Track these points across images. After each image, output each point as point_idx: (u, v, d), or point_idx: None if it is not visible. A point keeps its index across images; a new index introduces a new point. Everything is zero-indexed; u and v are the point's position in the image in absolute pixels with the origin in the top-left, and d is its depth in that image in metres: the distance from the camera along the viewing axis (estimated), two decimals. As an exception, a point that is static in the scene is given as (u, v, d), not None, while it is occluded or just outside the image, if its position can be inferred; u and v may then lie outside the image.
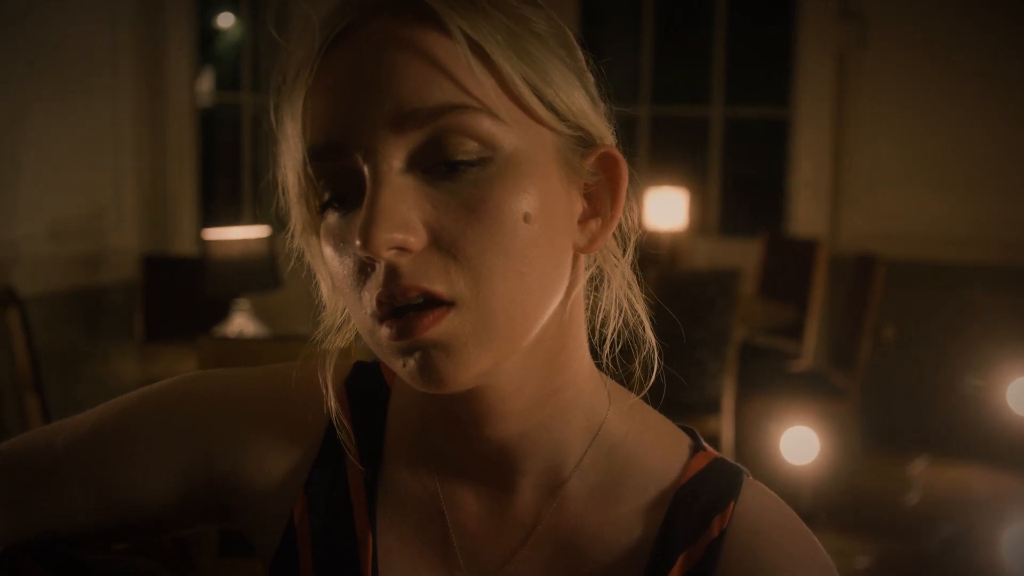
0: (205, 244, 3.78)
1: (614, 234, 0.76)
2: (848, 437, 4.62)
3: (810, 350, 5.02)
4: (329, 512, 0.80)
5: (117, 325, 4.55)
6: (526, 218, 0.67)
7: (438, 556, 0.78)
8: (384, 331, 0.67)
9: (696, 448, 0.80)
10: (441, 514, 0.79)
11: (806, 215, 5.75)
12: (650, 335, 0.79)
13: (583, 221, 0.73)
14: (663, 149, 6.33)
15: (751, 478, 0.79)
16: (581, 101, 0.71)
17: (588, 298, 0.79)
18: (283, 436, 0.82)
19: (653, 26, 6.27)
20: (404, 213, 0.65)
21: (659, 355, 0.78)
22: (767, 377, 4.80)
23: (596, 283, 0.79)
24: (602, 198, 0.74)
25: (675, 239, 5.21)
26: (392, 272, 0.65)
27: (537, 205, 0.67)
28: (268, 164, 0.74)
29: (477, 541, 0.78)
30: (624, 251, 0.78)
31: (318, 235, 0.72)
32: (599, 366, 0.80)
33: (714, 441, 4.36)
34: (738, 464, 0.79)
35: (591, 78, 0.75)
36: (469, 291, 0.66)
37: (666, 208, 5.16)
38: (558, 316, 0.73)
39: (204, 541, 2.75)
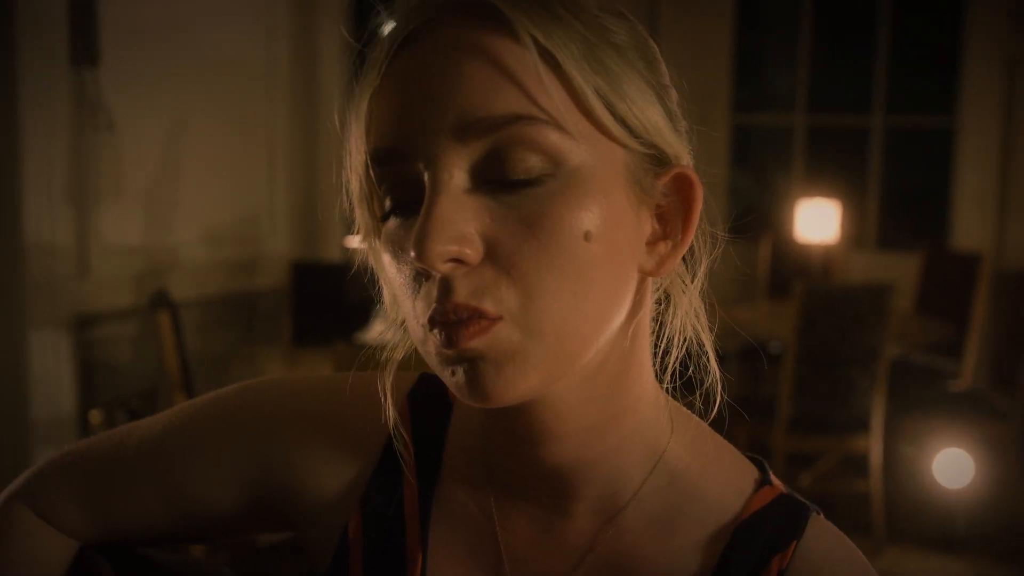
0: (348, 251, 3.85)
1: (684, 259, 0.73)
2: (1008, 461, 4.40)
3: (969, 370, 4.81)
4: (382, 528, 0.79)
5: (268, 329, 4.69)
6: (587, 236, 0.64)
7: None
8: (433, 339, 0.65)
9: (762, 482, 0.76)
10: (494, 534, 0.77)
11: (969, 228, 5.52)
12: (714, 366, 0.75)
13: (652, 243, 0.70)
14: (818, 159, 6.17)
15: (820, 517, 0.75)
16: (657, 118, 0.68)
17: (656, 322, 0.76)
18: (341, 448, 0.81)
19: (811, 33, 6.12)
20: (461, 225, 0.63)
21: (723, 388, 0.76)
22: (922, 396, 4.62)
23: (663, 308, 0.77)
24: (674, 221, 0.71)
25: (827, 252, 5.07)
26: (446, 287, 0.63)
27: (599, 224, 0.64)
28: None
29: (528, 564, 0.76)
30: (693, 277, 0.75)
31: (380, 240, 0.70)
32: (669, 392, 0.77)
33: (861, 461, 4.22)
34: (807, 502, 0.76)
35: (673, 94, 0.72)
36: (518, 307, 0.63)
37: (818, 220, 5.02)
38: (621, 340, 0.71)
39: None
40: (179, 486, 0.84)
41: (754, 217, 5.97)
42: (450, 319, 0.63)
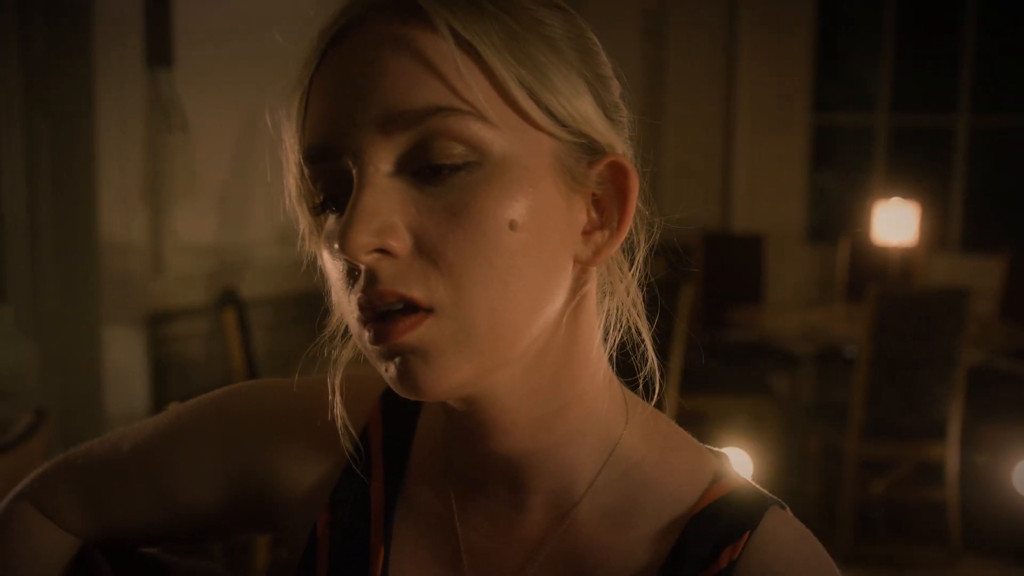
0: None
1: (623, 248, 0.73)
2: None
3: (1054, 376, 4.66)
4: (349, 523, 0.80)
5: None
6: (512, 225, 0.64)
7: (448, 571, 0.77)
8: (366, 335, 0.66)
9: (720, 475, 0.76)
10: (454, 530, 0.77)
11: (1057, 231, 5.35)
12: (651, 355, 0.75)
13: (588, 232, 0.70)
14: (901, 160, 6.04)
15: (783, 512, 0.74)
16: (586, 107, 0.68)
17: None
18: (315, 448, 0.83)
19: (895, 31, 5.99)
20: (386, 216, 0.64)
21: (662, 376, 0.75)
22: (1005, 404, 4.49)
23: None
24: (610, 210, 0.71)
25: (906, 255, 4.96)
26: (372, 276, 0.64)
27: (525, 213, 0.65)
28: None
29: (487, 559, 0.76)
30: (632, 265, 0.75)
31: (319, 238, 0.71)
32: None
33: (937, 469, 4.12)
34: (770, 496, 0.75)
35: (613, 85, 0.72)
36: (449, 298, 0.64)
37: (897, 222, 4.91)
38: (562, 330, 0.71)
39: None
40: (167, 487, 0.87)
41: (831, 219, 5.88)
42: (377, 306, 0.64)
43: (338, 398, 0.78)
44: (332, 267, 0.68)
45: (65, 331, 3.62)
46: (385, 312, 0.64)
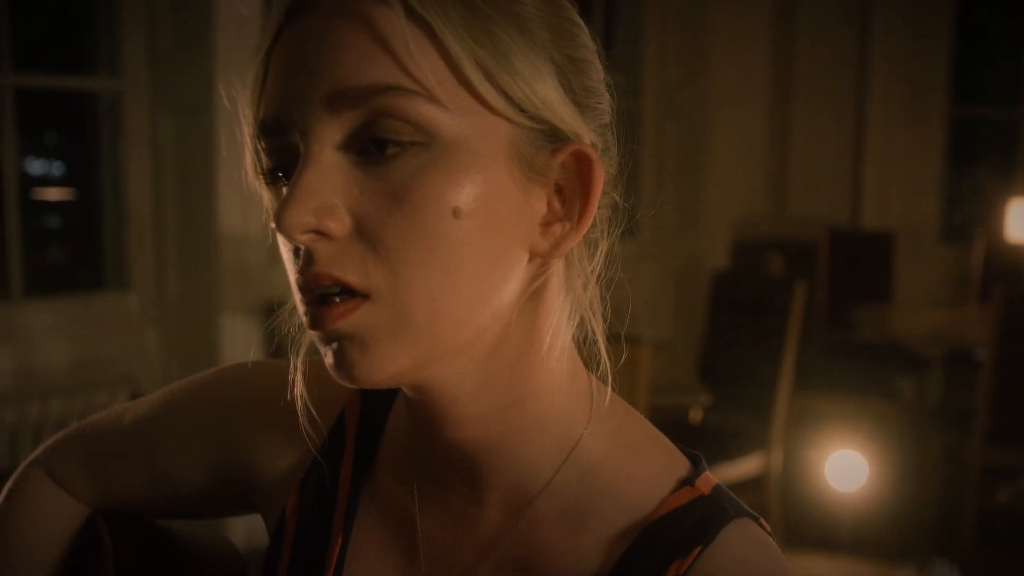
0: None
1: (586, 241, 0.70)
2: None
3: None
4: (314, 509, 0.80)
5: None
6: (456, 212, 0.62)
7: (405, 562, 0.77)
8: (305, 318, 0.64)
9: (685, 481, 0.72)
10: (415, 522, 0.76)
11: None
12: (603, 353, 0.72)
13: (547, 224, 0.67)
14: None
15: (749, 526, 0.70)
16: (549, 92, 0.64)
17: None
18: (292, 432, 0.83)
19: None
20: (325, 196, 0.62)
21: (612, 378, 0.72)
22: None
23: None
24: (573, 201, 0.67)
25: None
26: (309, 258, 0.62)
27: (471, 200, 0.62)
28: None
29: (444, 553, 0.75)
30: (592, 259, 0.71)
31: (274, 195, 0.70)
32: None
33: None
34: (741, 507, 0.71)
35: (590, 70, 0.69)
36: (386, 284, 0.62)
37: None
38: (518, 324, 0.68)
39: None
40: (159, 462, 0.89)
41: (970, 216, 5.67)
42: (314, 289, 0.63)
43: (299, 379, 0.77)
44: (281, 246, 0.66)
45: (185, 319, 3.76)
46: (323, 295, 0.63)
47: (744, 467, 3.68)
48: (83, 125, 3.97)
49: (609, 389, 0.74)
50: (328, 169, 0.62)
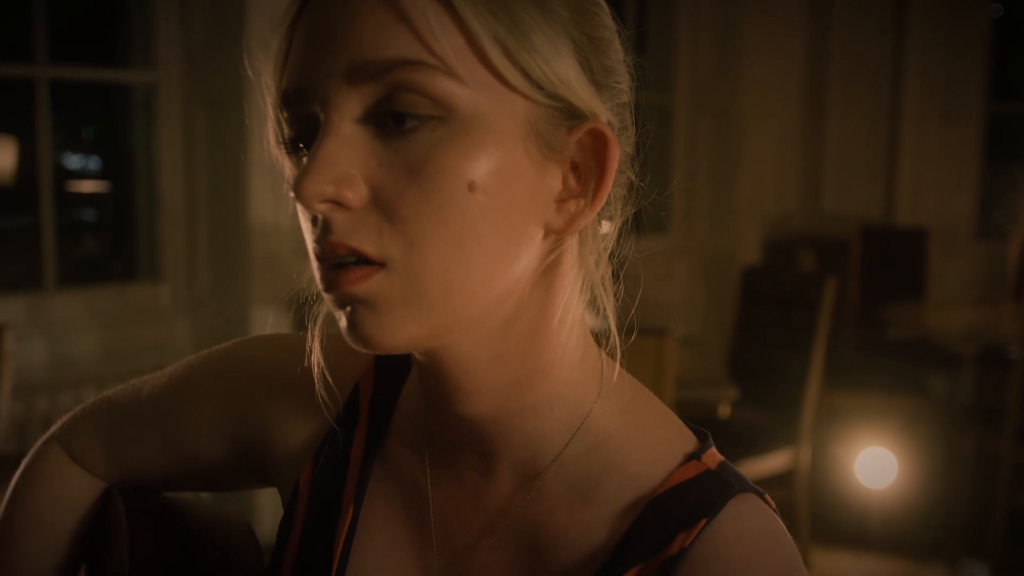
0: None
1: (600, 218, 0.71)
2: None
3: None
4: (327, 481, 0.81)
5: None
6: (471, 187, 0.63)
7: (416, 534, 0.78)
8: (321, 282, 0.66)
9: (692, 456, 0.73)
10: (426, 492, 0.78)
11: None
12: (613, 329, 0.72)
13: (562, 201, 0.68)
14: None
15: (754, 501, 0.71)
16: (567, 71, 0.65)
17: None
18: (306, 404, 0.84)
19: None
20: (344, 167, 0.63)
21: (622, 353, 0.73)
22: None
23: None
24: (588, 179, 0.68)
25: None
26: (326, 227, 0.64)
27: (487, 175, 0.63)
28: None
29: (453, 523, 0.76)
30: (605, 236, 0.72)
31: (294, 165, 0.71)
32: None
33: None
34: (746, 482, 0.72)
35: (606, 48, 0.69)
36: (400, 255, 0.63)
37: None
38: (532, 298, 0.69)
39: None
40: (175, 437, 0.90)
41: (1007, 213, 5.62)
42: (330, 258, 0.64)
43: (316, 347, 0.78)
44: (300, 212, 0.67)
45: (216, 310, 3.79)
46: (339, 263, 0.64)
47: (772, 463, 3.67)
48: (119, 119, 4.02)
49: (618, 365, 0.75)
50: (347, 140, 0.63)
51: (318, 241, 0.64)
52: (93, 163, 4.52)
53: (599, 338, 0.75)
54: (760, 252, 5.79)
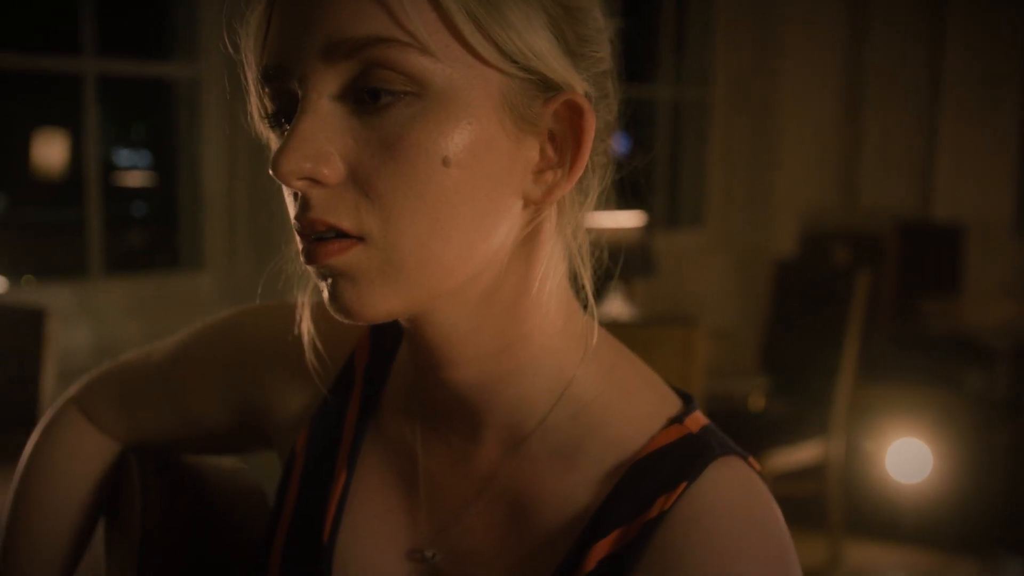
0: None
1: (578, 188, 0.72)
2: None
3: None
4: (322, 446, 0.84)
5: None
6: (445, 162, 0.63)
7: (406, 499, 0.80)
8: (300, 248, 0.67)
9: (674, 420, 0.74)
10: (416, 459, 0.80)
11: None
12: (591, 301, 0.74)
13: (540, 172, 0.69)
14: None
15: (736, 465, 0.71)
16: (541, 43, 0.65)
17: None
18: (304, 371, 0.86)
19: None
20: (320, 144, 0.64)
21: (595, 321, 0.74)
22: None
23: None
24: (565, 149, 0.69)
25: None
26: (304, 203, 0.65)
27: (461, 149, 0.64)
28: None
29: (442, 489, 0.78)
30: (583, 206, 0.73)
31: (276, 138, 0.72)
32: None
33: None
34: (730, 446, 0.72)
35: (583, 18, 0.69)
36: (378, 229, 0.64)
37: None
38: (512, 269, 0.71)
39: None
40: (182, 400, 0.94)
41: None
42: (309, 234, 0.65)
43: (306, 315, 0.80)
44: (283, 188, 0.68)
45: (255, 298, 3.84)
46: (318, 237, 0.65)
47: (804, 454, 3.68)
48: (165, 114, 4.09)
49: (603, 331, 0.76)
50: (324, 117, 0.64)
51: (297, 218, 0.65)
52: (143, 158, 4.62)
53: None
54: (796, 247, 5.79)
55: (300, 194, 0.65)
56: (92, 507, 0.99)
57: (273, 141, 0.72)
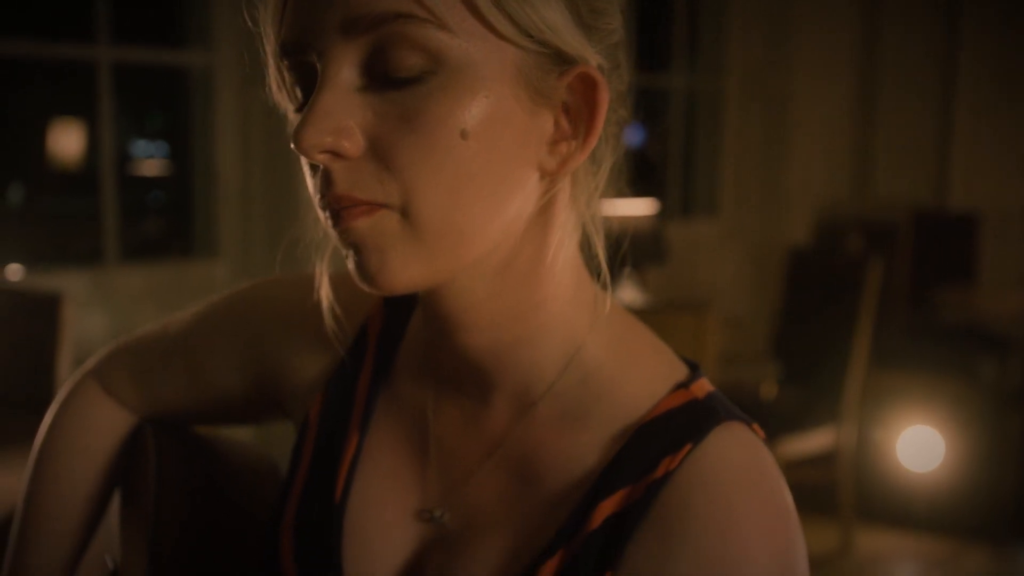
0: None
1: (592, 158, 0.73)
2: None
3: None
4: (335, 411, 0.86)
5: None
6: (463, 134, 0.64)
7: (416, 461, 0.81)
8: (323, 217, 0.68)
9: (680, 385, 0.75)
10: (427, 423, 0.81)
11: None
12: (604, 269, 0.75)
13: (555, 143, 0.70)
14: None
15: (741, 429, 0.72)
16: (555, 17, 0.66)
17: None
18: (319, 339, 0.88)
19: None
20: (341, 118, 0.65)
21: (609, 291, 0.76)
22: None
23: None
24: (579, 121, 0.70)
25: None
26: (327, 178, 0.66)
27: (479, 122, 0.65)
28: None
29: (452, 451, 0.80)
30: (596, 176, 0.74)
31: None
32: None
33: None
34: (734, 411, 0.74)
35: None
36: (400, 200, 0.65)
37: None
38: (528, 238, 0.72)
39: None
40: (200, 370, 0.95)
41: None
42: (334, 208, 0.66)
43: (325, 284, 0.82)
44: (302, 160, 0.69)
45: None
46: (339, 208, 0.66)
47: (815, 442, 3.69)
48: (180, 102, 4.12)
49: (613, 299, 0.77)
50: (343, 92, 0.65)
51: (321, 193, 0.66)
52: (160, 149, 4.66)
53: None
54: (810, 236, 5.79)
55: (321, 168, 0.66)
56: (108, 478, 1.00)
57: (291, 113, 0.73)
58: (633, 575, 0.69)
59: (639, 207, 3.79)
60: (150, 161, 4.65)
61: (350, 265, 0.69)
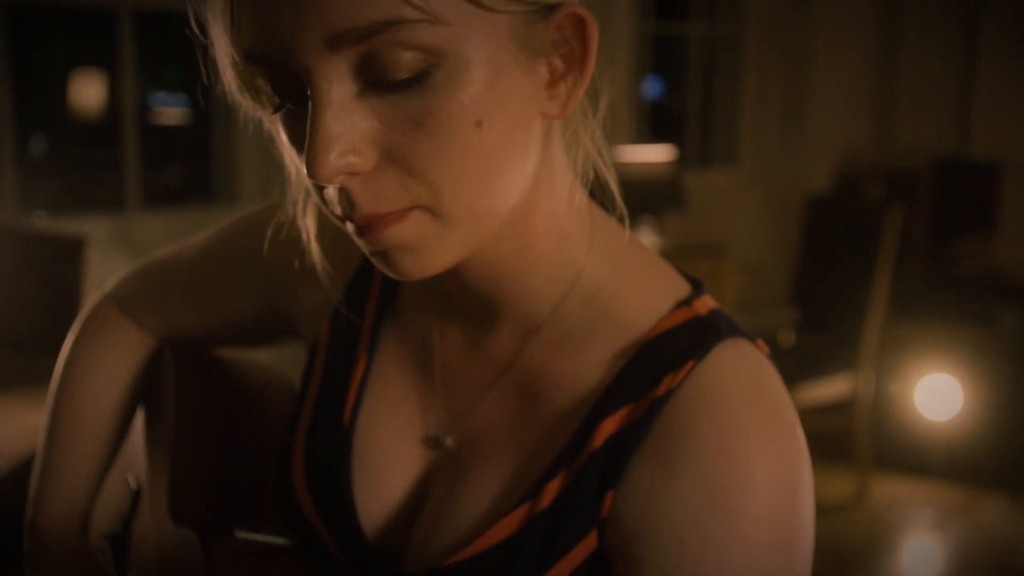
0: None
1: (586, 94, 0.71)
2: None
3: None
4: (343, 334, 0.87)
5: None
6: (478, 124, 0.63)
7: (422, 385, 0.83)
8: (349, 227, 0.67)
9: (682, 303, 0.75)
10: (432, 347, 0.82)
11: None
12: (619, 201, 0.75)
13: (552, 85, 0.68)
14: None
15: (743, 345, 0.72)
16: None
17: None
18: (329, 261, 0.87)
19: None
20: (349, 136, 0.62)
21: (627, 224, 0.76)
22: None
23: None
24: (572, 58, 0.68)
25: None
26: (348, 201, 0.64)
27: (489, 106, 0.64)
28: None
29: (457, 376, 0.81)
30: (595, 111, 0.73)
31: (277, 119, 0.68)
32: None
33: None
34: (737, 328, 0.73)
35: None
36: (428, 200, 0.64)
37: None
38: (528, 184, 0.71)
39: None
40: (213, 292, 0.97)
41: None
42: (360, 224, 0.65)
43: (312, 237, 0.81)
44: (297, 160, 0.66)
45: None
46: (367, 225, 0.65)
47: (832, 389, 3.70)
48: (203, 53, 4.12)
49: (613, 222, 0.78)
50: (342, 109, 0.62)
51: (347, 217, 0.65)
52: (180, 100, 4.67)
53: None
54: (829, 184, 5.76)
55: (339, 189, 0.64)
56: (129, 398, 1.03)
57: (264, 116, 0.70)
58: (634, 493, 0.70)
59: (658, 154, 3.79)
60: (170, 111, 4.67)
61: (378, 260, 0.68)
